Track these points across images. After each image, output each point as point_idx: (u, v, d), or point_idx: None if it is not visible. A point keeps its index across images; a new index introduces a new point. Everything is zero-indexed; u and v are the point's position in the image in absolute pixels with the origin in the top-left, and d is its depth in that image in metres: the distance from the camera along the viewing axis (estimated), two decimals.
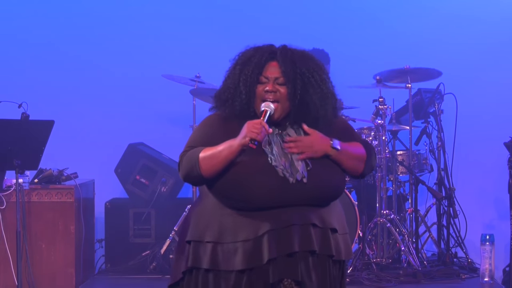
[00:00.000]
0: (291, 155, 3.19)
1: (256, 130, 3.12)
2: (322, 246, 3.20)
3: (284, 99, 3.22)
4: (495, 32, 7.23)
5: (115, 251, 6.72)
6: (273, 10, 7.35)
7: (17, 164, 5.61)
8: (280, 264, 3.14)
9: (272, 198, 3.16)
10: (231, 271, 3.16)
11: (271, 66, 3.25)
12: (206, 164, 3.19)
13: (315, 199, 3.20)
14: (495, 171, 6.86)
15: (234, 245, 3.16)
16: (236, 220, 3.19)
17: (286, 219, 3.16)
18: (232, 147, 3.15)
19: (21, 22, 7.37)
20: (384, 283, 6.04)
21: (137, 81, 7.31)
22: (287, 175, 3.16)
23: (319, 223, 3.20)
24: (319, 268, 3.19)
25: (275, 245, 3.14)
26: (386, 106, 6.51)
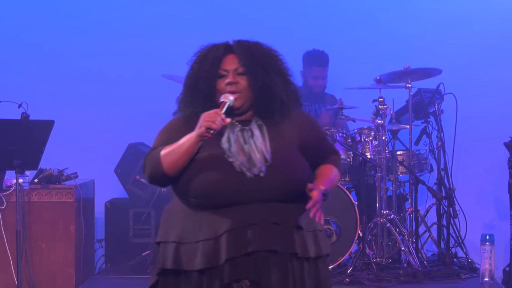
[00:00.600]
0: (249, 151, 3.15)
1: (210, 119, 3.10)
2: (284, 244, 3.13)
3: (245, 89, 3.20)
4: (495, 32, 7.23)
5: (115, 251, 6.72)
6: (273, 11, 7.35)
7: (17, 164, 5.62)
8: (237, 264, 3.10)
9: (229, 194, 3.12)
10: (193, 271, 3.13)
11: (229, 59, 3.24)
12: (168, 160, 3.18)
13: (274, 194, 3.14)
14: (495, 171, 6.86)
15: (196, 244, 3.14)
16: (198, 219, 3.16)
17: (246, 218, 3.12)
18: (191, 139, 3.14)
19: (21, 22, 7.37)
20: (384, 283, 6.04)
21: (137, 81, 7.32)
22: (244, 169, 3.13)
23: (280, 220, 3.14)
24: (281, 267, 3.13)
25: (233, 245, 3.10)
26: (386, 106, 6.51)
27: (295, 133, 3.25)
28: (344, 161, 6.52)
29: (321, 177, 3.26)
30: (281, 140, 3.21)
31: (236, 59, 3.24)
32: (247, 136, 3.20)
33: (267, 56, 3.26)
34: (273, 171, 3.15)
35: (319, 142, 3.34)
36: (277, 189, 3.15)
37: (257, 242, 3.10)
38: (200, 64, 3.27)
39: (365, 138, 6.57)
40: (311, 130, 3.33)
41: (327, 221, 6.24)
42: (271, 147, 3.18)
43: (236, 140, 3.19)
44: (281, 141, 3.21)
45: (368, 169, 6.62)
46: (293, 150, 3.22)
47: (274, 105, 3.22)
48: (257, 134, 3.20)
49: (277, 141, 3.20)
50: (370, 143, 6.54)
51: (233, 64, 3.24)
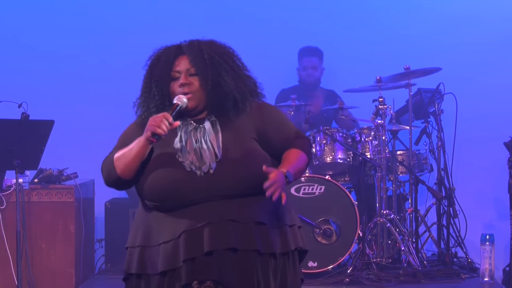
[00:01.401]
0: (199, 149, 3.13)
1: (156, 123, 3.09)
2: (243, 242, 3.09)
3: (198, 90, 3.19)
4: (495, 32, 7.23)
5: (115, 251, 6.72)
6: (273, 11, 7.34)
7: (17, 164, 5.62)
8: (197, 264, 3.07)
9: (181, 194, 3.11)
10: (155, 274, 3.12)
11: (180, 60, 3.25)
12: (120, 164, 3.21)
13: (227, 190, 3.10)
14: (495, 171, 6.86)
15: (157, 247, 3.13)
16: (159, 222, 3.16)
17: (201, 217, 3.09)
18: (140, 142, 3.15)
19: (21, 22, 7.38)
20: (384, 283, 6.04)
21: (136, 81, 7.28)
22: (194, 168, 3.11)
23: (238, 217, 3.11)
24: (243, 265, 3.09)
25: (190, 246, 3.07)
26: (386, 106, 6.50)
27: (252, 126, 3.21)
28: (344, 161, 6.53)
29: (283, 161, 3.20)
30: (235, 135, 3.18)
31: (187, 60, 3.24)
32: (199, 134, 3.18)
33: (219, 55, 3.24)
34: (224, 166, 3.11)
35: (281, 128, 3.28)
36: (230, 184, 3.11)
37: (214, 241, 3.07)
38: (153, 67, 3.30)
39: (365, 138, 6.57)
40: (269, 118, 3.27)
41: (327, 221, 6.24)
42: (224, 142, 3.15)
43: (188, 139, 3.17)
44: (235, 136, 3.18)
45: (368, 169, 6.62)
46: (248, 143, 3.18)
47: (227, 103, 3.20)
48: (209, 131, 3.18)
49: (230, 137, 3.17)
50: (370, 143, 6.54)
51: (184, 65, 3.23)
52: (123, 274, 3.25)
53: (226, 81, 3.19)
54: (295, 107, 6.62)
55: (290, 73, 7.16)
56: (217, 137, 3.17)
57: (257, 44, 6.90)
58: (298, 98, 6.70)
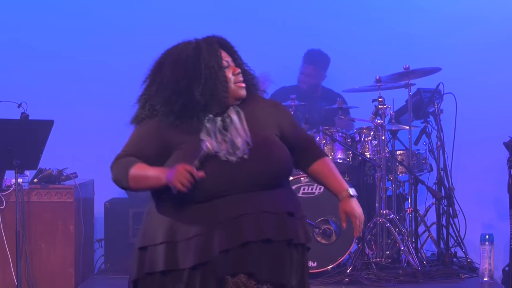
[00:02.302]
0: (231, 137, 3.15)
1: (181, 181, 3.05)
2: (278, 232, 3.13)
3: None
4: (495, 31, 7.23)
5: (114, 251, 6.71)
6: (272, 10, 7.34)
7: (16, 164, 5.62)
8: (231, 257, 3.08)
9: (218, 185, 3.11)
10: (184, 269, 3.10)
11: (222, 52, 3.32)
12: (135, 183, 3.20)
13: (260, 177, 3.13)
14: (494, 171, 6.86)
15: (187, 242, 3.11)
16: (187, 216, 3.14)
17: (238, 208, 3.10)
18: (160, 181, 3.12)
19: (21, 22, 7.37)
20: (384, 282, 6.04)
21: (136, 80, 7.28)
22: (229, 156, 3.12)
23: (272, 209, 3.14)
24: (276, 257, 3.12)
25: (227, 237, 3.08)
26: (385, 106, 6.50)
27: (270, 119, 3.28)
28: (344, 161, 6.53)
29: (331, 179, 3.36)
30: (259, 124, 3.23)
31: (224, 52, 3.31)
32: (227, 123, 3.20)
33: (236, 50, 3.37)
34: (256, 154, 3.15)
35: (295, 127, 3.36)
36: (263, 171, 3.15)
37: (252, 232, 3.08)
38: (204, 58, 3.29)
39: (364, 138, 6.57)
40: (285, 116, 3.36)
41: (327, 221, 6.24)
42: (251, 131, 3.19)
43: (218, 131, 3.18)
44: (259, 126, 3.23)
45: (368, 169, 6.61)
46: (271, 133, 3.24)
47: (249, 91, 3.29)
48: (236, 120, 3.20)
49: (255, 126, 3.21)
50: (369, 143, 6.54)
51: (227, 56, 3.30)
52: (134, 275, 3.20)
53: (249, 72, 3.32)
54: (294, 107, 6.62)
55: (289, 73, 7.15)
56: (243, 125, 3.20)
57: (256, 44, 6.89)
58: (298, 98, 6.70)
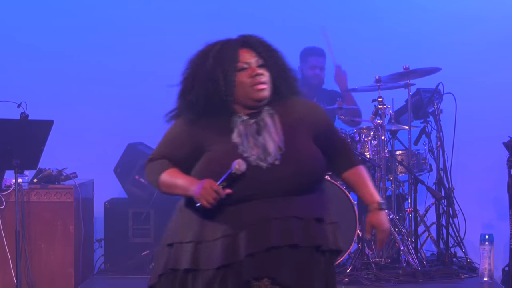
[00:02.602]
0: (263, 142, 3.13)
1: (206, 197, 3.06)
2: (305, 238, 3.11)
3: (269, 80, 3.21)
4: (495, 31, 7.23)
5: (114, 251, 6.72)
6: (272, 10, 7.34)
7: (16, 164, 5.62)
8: (256, 260, 3.07)
9: (247, 188, 3.09)
10: (209, 269, 3.10)
11: (245, 53, 3.24)
12: (165, 189, 3.23)
13: (291, 183, 3.11)
14: (494, 171, 6.85)
15: (214, 242, 3.12)
16: (215, 217, 3.14)
17: (266, 212, 3.09)
18: (187, 192, 3.15)
19: (20, 22, 7.37)
20: (383, 282, 6.04)
21: (136, 80, 7.31)
22: (259, 161, 3.11)
23: (300, 214, 3.12)
24: (302, 263, 3.10)
25: (253, 240, 3.07)
26: (385, 106, 6.51)
27: (307, 122, 3.23)
28: None
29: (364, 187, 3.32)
30: (293, 129, 3.19)
31: (252, 52, 3.23)
32: (260, 127, 3.18)
33: (274, 49, 3.28)
34: (288, 159, 3.13)
35: (333, 132, 3.34)
36: (294, 177, 3.12)
37: (278, 237, 3.07)
38: (215, 59, 3.24)
39: (364, 138, 6.57)
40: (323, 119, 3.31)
41: None
42: (284, 136, 3.16)
43: (249, 133, 3.16)
44: (294, 130, 3.19)
45: (367, 169, 6.61)
46: (305, 139, 3.20)
47: (287, 95, 3.24)
48: (269, 124, 3.18)
49: (289, 130, 3.18)
50: (369, 143, 6.54)
51: (252, 57, 3.22)
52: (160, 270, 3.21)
53: (288, 73, 3.25)
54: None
55: None
56: (277, 130, 3.18)
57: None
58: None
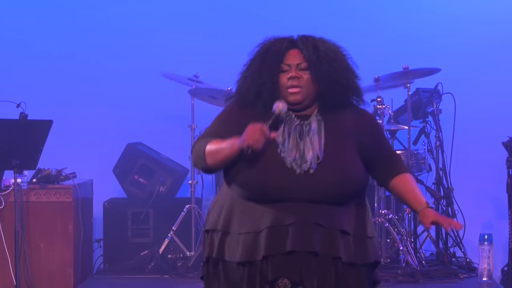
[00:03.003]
0: (303, 147, 3.12)
1: (254, 138, 3.05)
2: (326, 247, 3.09)
3: (307, 84, 3.18)
4: (494, 31, 7.23)
5: (113, 251, 6.71)
6: (271, 10, 7.33)
7: (15, 164, 5.62)
8: (277, 262, 3.07)
9: (276, 189, 3.09)
10: (234, 262, 3.13)
11: (291, 54, 3.22)
12: (211, 158, 3.17)
13: (322, 193, 3.10)
14: (493, 171, 6.85)
15: (237, 236, 3.13)
16: (243, 211, 3.15)
17: (289, 216, 3.08)
18: (233, 147, 3.11)
19: (19, 21, 7.36)
20: (383, 282, 6.03)
21: (135, 80, 7.31)
22: (295, 166, 3.10)
23: (325, 223, 3.10)
24: (321, 271, 3.09)
25: (272, 242, 3.07)
26: (384, 106, 6.51)
27: (354, 132, 3.21)
28: None
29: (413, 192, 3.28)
30: (338, 139, 3.17)
31: (299, 54, 3.22)
32: (304, 131, 3.17)
33: (332, 51, 3.24)
34: (324, 169, 3.11)
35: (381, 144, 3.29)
36: (327, 188, 3.11)
37: (297, 242, 3.07)
38: (263, 56, 3.23)
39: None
40: (372, 130, 3.28)
41: None
42: (326, 145, 3.14)
43: (292, 135, 3.16)
44: (338, 140, 3.17)
45: None
46: (348, 149, 3.18)
47: (337, 101, 3.20)
48: (314, 130, 3.16)
49: (333, 139, 3.16)
50: None
51: (296, 59, 3.21)
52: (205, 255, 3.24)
53: (340, 78, 3.18)
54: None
55: None
56: (321, 138, 3.15)
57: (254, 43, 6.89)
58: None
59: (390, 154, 3.33)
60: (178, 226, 6.50)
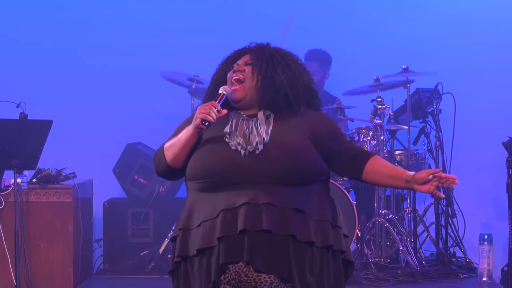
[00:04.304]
0: (249, 133, 3.19)
1: (205, 111, 3.16)
2: (278, 226, 3.10)
3: (249, 77, 3.26)
4: (494, 32, 7.23)
5: (113, 251, 6.72)
6: (271, 11, 7.34)
7: (15, 164, 5.62)
8: (229, 243, 3.09)
9: (224, 173, 3.15)
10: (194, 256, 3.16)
11: (245, 57, 3.33)
12: (170, 153, 3.28)
13: (269, 172, 3.13)
14: (493, 171, 6.86)
15: (198, 228, 3.17)
16: (200, 203, 3.20)
17: (240, 198, 3.12)
18: (188, 131, 3.22)
19: (19, 21, 7.37)
20: (383, 282, 6.04)
21: (135, 80, 7.31)
22: (239, 148, 3.16)
23: (277, 202, 3.12)
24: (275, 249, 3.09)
25: (226, 225, 3.10)
26: (384, 106, 6.51)
27: (306, 126, 3.24)
28: None
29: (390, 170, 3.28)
30: (287, 129, 3.22)
31: (251, 57, 3.32)
32: (251, 123, 3.24)
33: (282, 56, 3.31)
34: (270, 150, 3.15)
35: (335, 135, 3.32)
36: (274, 167, 3.14)
37: (247, 222, 3.09)
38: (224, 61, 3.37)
39: (363, 138, 6.57)
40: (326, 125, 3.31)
41: None
42: (273, 131, 3.20)
43: (239, 125, 3.23)
44: (287, 129, 3.21)
45: None
46: (298, 135, 3.21)
47: (278, 99, 3.25)
48: (261, 121, 3.23)
49: (282, 127, 3.21)
50: (368, 143, 6.54)
51: (245, 58, 3.32)
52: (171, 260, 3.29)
53: (280, 77, 3.25)
54: None
55: None
56: (268, 126, 3.21)
57: None
58: None
59: (352, 147, 3.34)
60: None
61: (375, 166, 3.28)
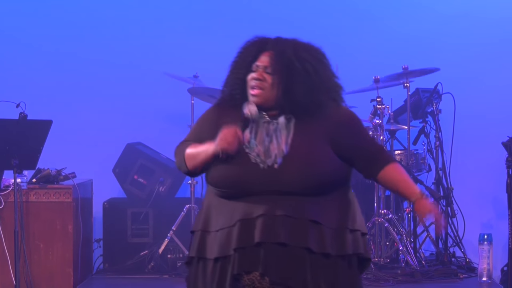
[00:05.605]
0: (268, 142, 3.19)
1: (228, 141, 3.12)
2: (294, 238, 3.11)
3: (268, 88, 3.23)
4: (494, 31, 7.23)
5: (113, 251, 6.71)
6: (271, 11, 7.34)
7: (15, 164, 5.62)
8: (246, 255, 3.11)
9: (242, 184, 3.17)
10: (211, 259, 3.19)
11: (265, 56, 3.28)
12: (189, 162, 3.28)
13: (289, 186, 3.14)
14: (493, 171, 6.85)
15: (216, 233, 3.20)
16: (219, 208, 3.23)
17: (258, 209, 3.13)
18: (208, 152, 3.20)
19: (19, 21, 7.36)
20: (382, 282, 6.05)
21: (135, 80, 7.31)
22: (258, 161, 3.17)
23: (294, 213, 3.13)
24: (291, 261, 3.10)
25: (242, 235, 3.12)
26: (384, 106, 6.51)
27: (326, 130, 3.23)
28: None
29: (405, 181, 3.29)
30: (306, 135, 3.21)
31: (269, 57, 3.27)
32: (271, 128, 3.22)
33: (301, 60, 3.26)
34: (289, 163, 3.15)
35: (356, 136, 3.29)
36: (292, 181, 3.15)
37: (264, 233, 3.10)
38: (240, 55, 3.32)
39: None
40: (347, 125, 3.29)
41: None
42: (294, 140, 3.19)
43: (259, 132, 3.22)
44: (306, 136, 3.20)
45: None
46: (318, 144, 3.20)
47: (297, 108, 3.22)
48: (282, 126, 3.22)
49: (302, 135, 3.21)
50: None
51: (265, 61, 3.26)
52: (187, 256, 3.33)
53: (300, 87, 3.21)
54: None
55: None
56: (288, 134, 3.21)
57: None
58: None
59: (372, 145, 3.33)
60: (177, 226, 6.50)
61: (387, 175, 3.31)
